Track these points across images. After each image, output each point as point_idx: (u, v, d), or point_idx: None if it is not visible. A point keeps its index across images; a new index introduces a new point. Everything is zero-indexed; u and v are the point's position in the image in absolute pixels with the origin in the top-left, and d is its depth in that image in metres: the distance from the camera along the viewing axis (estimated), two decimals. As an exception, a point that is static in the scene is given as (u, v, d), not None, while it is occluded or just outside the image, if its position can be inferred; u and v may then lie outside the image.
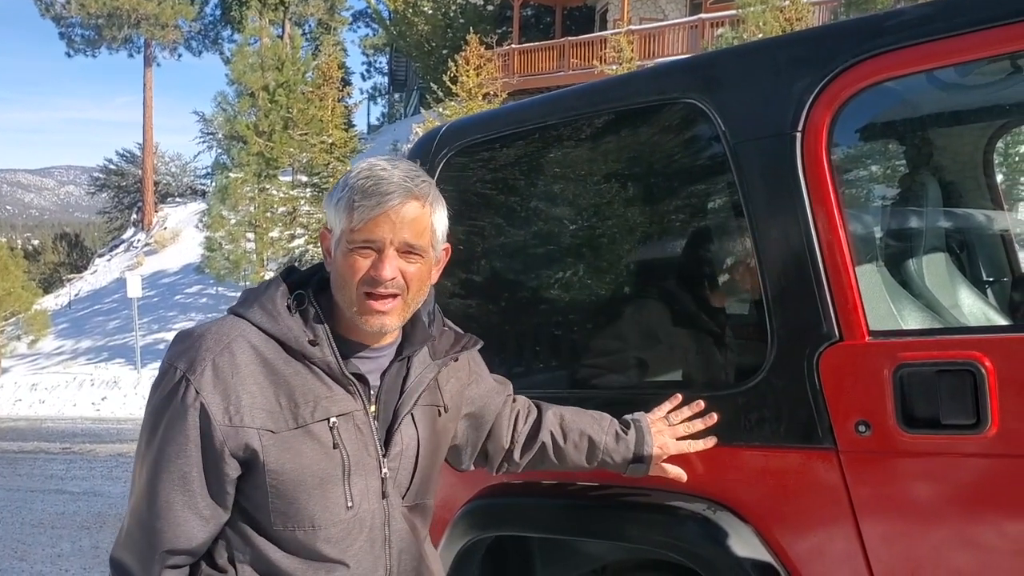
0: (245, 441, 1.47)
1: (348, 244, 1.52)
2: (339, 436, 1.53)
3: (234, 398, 1.46)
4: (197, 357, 1.48)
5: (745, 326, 2.29)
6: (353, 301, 1.53)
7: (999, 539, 1.79)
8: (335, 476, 1.54)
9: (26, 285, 25.32)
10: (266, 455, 1.48)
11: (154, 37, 37.32)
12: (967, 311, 2.73)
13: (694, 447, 2.07)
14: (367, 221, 1.50)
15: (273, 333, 1.52)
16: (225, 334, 1.51)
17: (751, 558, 2.00)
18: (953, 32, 1.82)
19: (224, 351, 1.48)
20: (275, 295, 1.57)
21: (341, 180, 1.57)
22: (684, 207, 2.46)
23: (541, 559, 2.57)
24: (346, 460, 1.54)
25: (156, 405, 1.50)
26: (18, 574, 6.28)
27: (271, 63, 22.94)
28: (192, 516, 1.49)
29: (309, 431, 1.51)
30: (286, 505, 1.52)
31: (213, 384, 1.46)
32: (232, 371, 1.47)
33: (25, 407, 19.21)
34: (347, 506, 1.56)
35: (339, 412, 1.54)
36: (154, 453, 1.49)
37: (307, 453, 1.51)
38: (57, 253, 48.22)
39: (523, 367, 2.65)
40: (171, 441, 1.47)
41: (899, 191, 2.94)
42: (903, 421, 1.81)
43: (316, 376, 1.53)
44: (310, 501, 1.53)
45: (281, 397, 1.50)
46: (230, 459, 1.48)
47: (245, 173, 22.12)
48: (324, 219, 1.64)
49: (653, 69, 2.49)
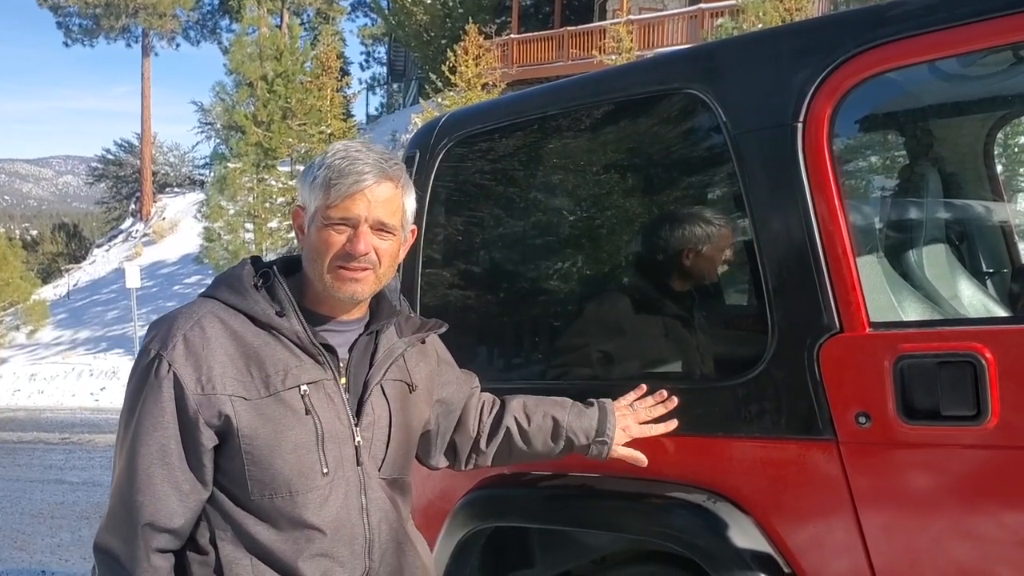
0: (218, 408, 1.52)
1: (324, 220, 1.59)
2: (311, 403, 1.59)
3: (205, 368, 1.52)
4: (169, 335, 1.55)
5: (746, 317, 2.28)
6: (324, 272, 1.60)
7: (998, 530, 1.79)
8: (309, 442, 1.58)
9: (24, 275, 25.30)
10: (239, 421, 1.53)
11: (152, 27, 37.22)
12: (967, 302, 2.72)
13: (656, 431, 2.12)
14: (344, 199, 1.58)
15: (241, 308, 1.59)
16: (195, 311, 1.59)
17: (751, 549, 2.00)
18: (955, 22, 1.81)
19: (194, 326, 1.55)
20: (241, 274, 1.65)
21: (316, 159, 1.64)
22: (685, 198, 2.45)
23: (541, 550, 2.57)
24: (319, 427, 1.59)
25: (133, 387, 1.57)
26: (18, 564, 6.29)
27: (269, 53, 22.84)
28: (172, 490, 1.53)
29: (281, 398, 1.56)
30: (262, 472, 1.56)
31: (185, 356, 1.52)
32: (203, 343, 1.54)
33: (24, 397, 19.22)
34: (322, 472, 1.60)
35: (309, 380, 1.59)
36: (133, 430, 1.54)
37: (280, 419, 1.56)
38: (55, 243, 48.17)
39: (523, 357, 2.65)
40: (148, 415, 1.52)
41: (900, 182, 2.93)
42: (903, 412, 1.81)
43: (285, 347, 1.59)
44: (286, 467, 1.56)
45: (252, 367, 1.56)
46: (205, 428, 1.53)
47: (243, 163, 22.07)
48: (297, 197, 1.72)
49: (654, 59, 2.48)
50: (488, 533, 2.47)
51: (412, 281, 2.64)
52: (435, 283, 2.68)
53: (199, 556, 1.58)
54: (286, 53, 22.95)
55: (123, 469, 1.55)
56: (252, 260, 1.72)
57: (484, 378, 2.64)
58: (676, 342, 2.39)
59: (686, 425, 2.14)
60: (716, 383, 2.17)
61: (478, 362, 2.71)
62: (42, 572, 6.06)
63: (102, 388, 18.83)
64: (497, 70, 22.89)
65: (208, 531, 1.59)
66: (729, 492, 2.08)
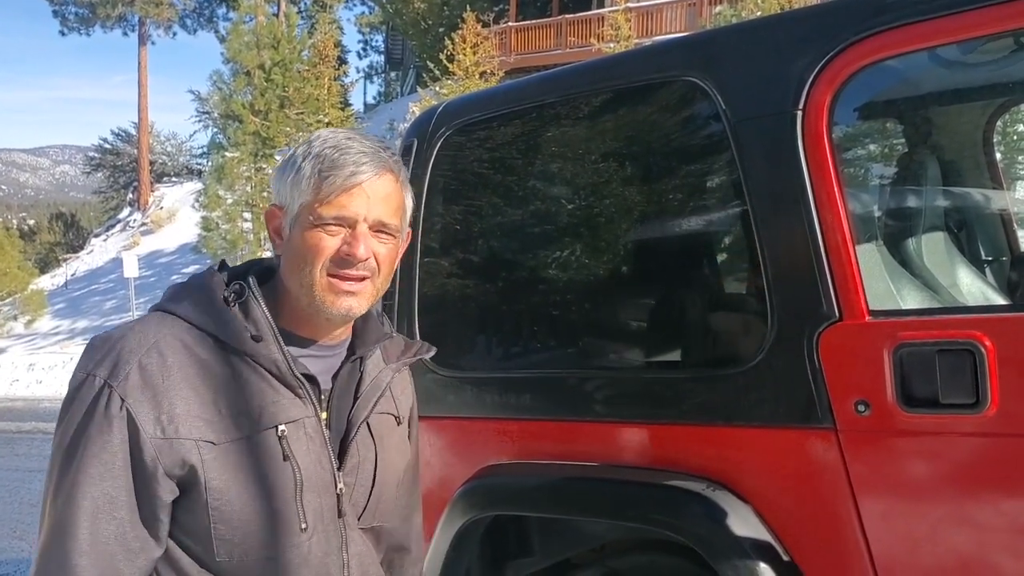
0: (182, 456, 1.24)
1: (313, 220, 1.31)
2: (288, 447, 1.31)
3: (166, 405, 1.24)
4: (119, 361, 1.25)
5: (745, 306, 2.28)
6: (315, 283, 1.32)
7: (997, 518, 1.79)
8: (287, 493, 1.31)
9: (22, 265, 25.33)
10: (207, 471, 1.26)
11: (148, 15, 37.10)
12: (966, 290, 2.73)
13: None
14: (339, 194, 1.31)
15: (208, 329, 1.31)
16: (151, 333, 1.29)
17: (750, 537, 2.01)
18: (954, 10, 1.81)
19: (151, 351, 1.26)
20: (210, 286, 1.35)
21: (298, 150, 1.37)
22: (684, 186, 2.45)
23: (540, 538, 2.57)
24: (298, 474, 1.32)
25: (72, 422, 1.24)
26: (17, 553, 6.30)
27: (267, 41, 22.76)
28: (120, 550, 1.23)
29: (254, 442, 1.29)
30: (231, 530, 1.29)
31: (140, 390, 1.23)
32: (162, 374, 1.25)
33: (22, 387, 19.22)
34: (301, 527, 1.32)
35: (287, 419, 1.32)
36: (72, 476, 1.22)
37: (253, 468, 1.29)
38: (53, 233, 48.17)
39: (521, 347, 2.65)
40: (93, 459, 1.22)
41: (899, 170, 2.93)
42: (902, 400, 1.81)
43: (260, 377, 1.31)
44: (260, 524, 1.30)
45: (220, 403, 1.28)
46: (164, 479, 1.24)
47: (241, 152, 22.03)
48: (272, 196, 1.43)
49: (653, 47, 2.48)
50: (487, 522, 2.47)
51: (411, 271, 2.63)
52: (433, 272, 2.68)
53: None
54: (283, 41, 22.88)
55: (59, 523, 1.22)
56: (220, 267, 1.43)
57: (483, 368, 2.65)
58: (675, 331, 2.39)
59: (686, 414, 2.15)
60: (715, 372, 2.17)
61: (477, 351, 2.72)
62: (42, 561, 6.07)
63: (101, 378, 18.82)
64: (495, 58, 22.82)
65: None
66: (728, 480, 2.08)
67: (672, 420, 2.18)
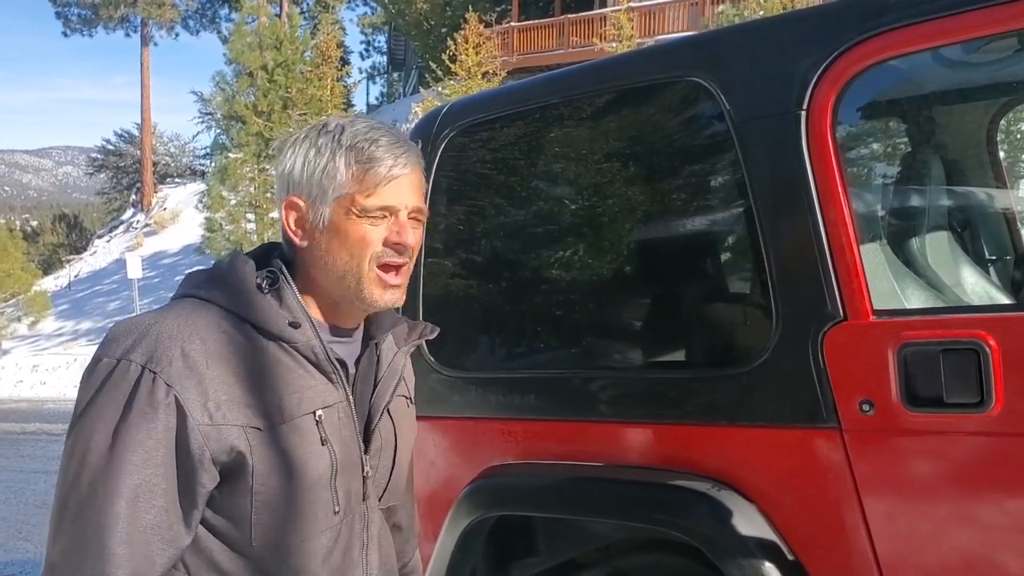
0: (230, 442, 1.24)
1: (357, 211, 1.32)
2: (324, 431, 1.33)
3: (212, 392, 1.23)
4: (159, 347, 1.23)
5: (750, 306, 2.29)
6: (363, 276, 1.34)
7: (1002, 517, 1.80)
8: (324, 478, 1.33)
9: (25, 266, 25.37)
10: (254, 456, 1.26)
11: (151, 16, 37.15)
12: (971, 290, 2.73)
13: None
14: (384, 184, 1.33)
15: (247, 316, 1.30)
16: (189, 319, 1.27)
17: (755, 536, 2.01)
18: (958, 10, 1.81)
19: (192, 336, 1.25)
20: (242, 273, 1.34)
21: (320, 141, 1.36)
22: (688, 186, 2.45)
23: (545, 538, 2.58)
24: (334, 458, 1.34)
25: (105, 407, 1.23)
26: (23, 554, 6.32)
27: (269, 42, 22.76)
28: (156, 538, 1.22)
29: (296, 427, 1.30)
30: (271, 515, 1.30)
31: (186, 376, 1.22)
32: (206, 360, 1.24)
33: (26, 388, 19.26)
34: (334, 511, 1.35)
35: (323, 404, 1.34)
36: (111, 464, 1.20)
37: (295, 452, 1.30)
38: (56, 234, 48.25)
39: (525, 347, 2.66)
40: (136, 447, 1.20)
41: (903, 170, 2.93)
42: (907, 400, 1.81)
43: (297, 363, 1.33)
44: (299, 508, 1.31)
45: (262, 389, 1.29)
46: (209, 466, 1.24)
47: (244, 153, 22.03)
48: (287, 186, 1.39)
49: (657, 47, 2.48)
50: (493, 521, 2.47)
51: (414, 271, 2.64)
52: (437, 273, 2.68)
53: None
54: (286, 42, 22.87)
55: (96, 511, 1.19)
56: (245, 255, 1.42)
57: (488, 368, 2.65)
58: (680, 331, 2.39)
59: (690, 414, 2.15)
60: (720, 372, 2.17)
61: (481, 351, 2.72)
62: (47, 562, 6.09)
63: (104, 379, 18.84)
64: (497, 58, 22.84)
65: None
66: (733, 480, 2.08)
67: (677, 420, 2.18)
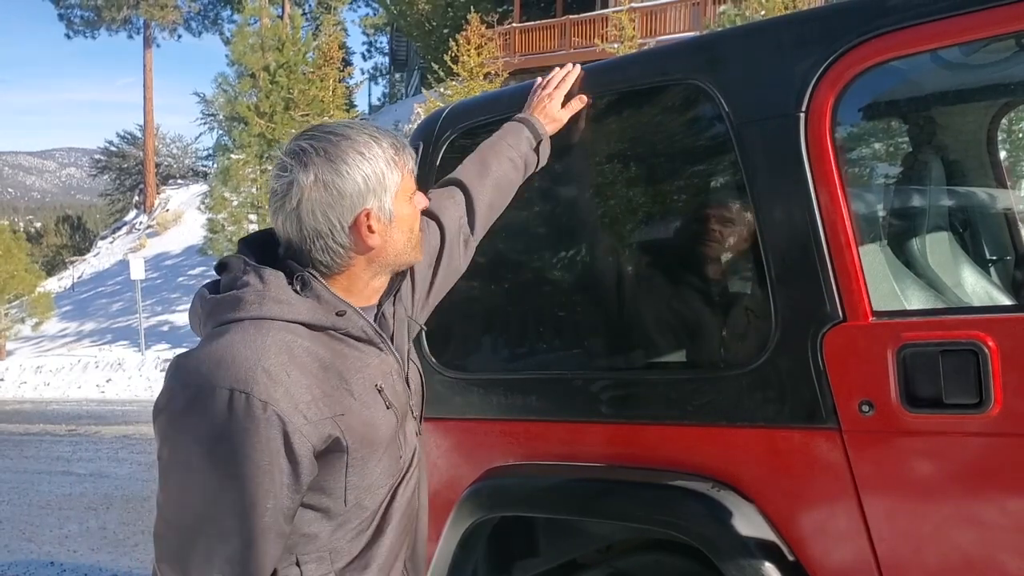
0: (327, 432, 1.41)
1: (406, 194, 1.57)
2: (387, 397, 1.55)
3: (298, 396, 1.37)
4: (241, 369, 1.34)
5: (749, 307, 2.29)
6: (416, 243, 1.62)
7: (1001, 517, 1.80)
8: (393, 434, 1.57)
9: (29, 268, 25.36)
10: (348, 439, 1.44)
11: (153, 18, 37.20)
12: (970, 290, 2.73)
13: (575, 106, 2.36)
14: (407, 172, 1.57)
15: (300, 319, 1.44)
16: (256, 338, 1.38)
17: (755, 537, 2.02)
18: (957, 11, 1.82)
19: (267, 355, 1.36)
20: (280, 284, 1.46)
21: (350, 158, 1.48)
22: (688, 188, 2.46)
23: (546, 539, 2.59)
24: (397, 415, 1.58)
25: (210, 434, 1.33)
26: (27, 555, 6.33)
27: (271, 44, 22.79)
28: (279, 540, 1.41)
29: (367, 402, 1.50)
30: (360, 478, 1.50)
31: (273, 390, 1.34)
32: (285, 371, 1.37)
33: (30, 389, 19.28)
34: (399, 456, 1.61)
35: (381, 373, 1.56)
36: (241, 486, 1.34)
37: (373, 423, 1.51)
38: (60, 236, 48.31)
39: (526, 348, 2.66)
40: (254, 466, 1.33)
41: (903, 170, 2.93)
42: (906, 401, 1.82)
43: (351, 347, 1.51)
44: (381, 465, 1.55)
45: (332, 379, 1.44)
46: (312, 462, 1.40)
47: (247, 154, 22.05)
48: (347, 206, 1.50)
49: (656, 50, 2.48)
50: (494, 523, 2.48)
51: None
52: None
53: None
54: (288, 44, 22.89)
55: (243, 543, 1.36)
56: (255, 260, 1.52)
57: (489, 369, 2.66)
58: (680, 332, 2.40)
59: (690, 414, 2.16)
60: (720, 372, 2.18)
61: (482, 353, 2.73)
62: (50, 563, 6.10)
63: (108, 380, 18.88)
64: (499, 59, 22.88)
65: (287, 556, 1.46)
66: (733, 480, 2.09)
67: (677, 421, 2.18)
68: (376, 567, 1.57)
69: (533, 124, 2.27)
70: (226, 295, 1.47)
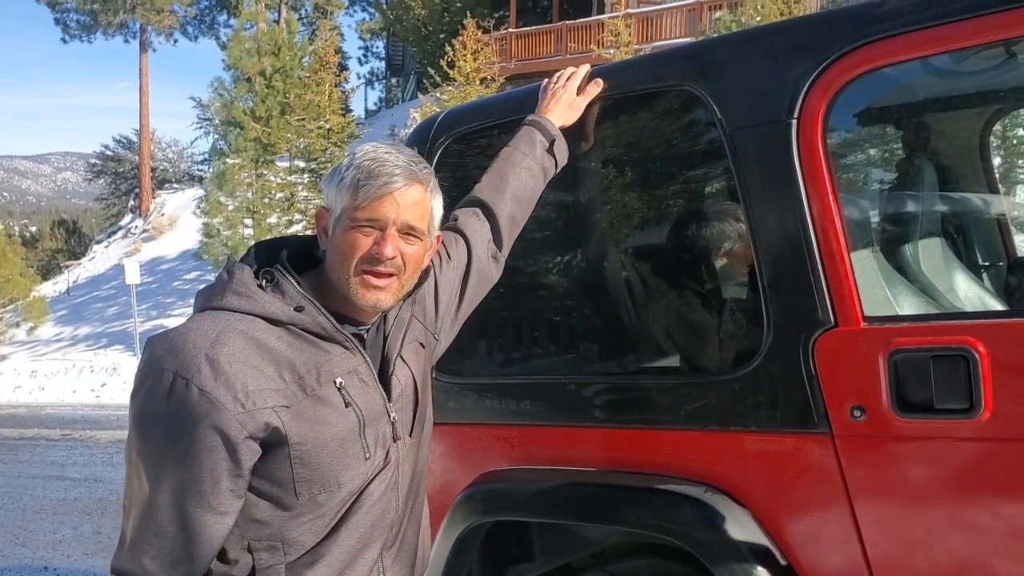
0: (264, 421, 1.44)
1: (350, 222, 1.55)
2: (348, 395, 1.55)
3: (239, 385, 1.43)
4: (186, 356, 1.43)
5: (741, 312, 2.30)
6: (350, 276, 1.55)
7: (993, 521, 1.81)
8: (352, 433, 1.56)
9: (24, 272, 25.35)
10: (288, 429, 1.47)
11: (150, 22, 37.18)
12: (963, 296, 2.74)
13: (592, 92, 2.35)
14: (372, 200, 1.54)
15: (256, 312, 1.50)
16: (209, 328, 1.47)
17: (748, 541, 2.02)
18: (948, 19, 1.83)
19: (214, 344, 1.44)
20: (244, 279, 1.54)
21: (344, 160, 1.60)
22: (681, 194, 2.47)
23: (540, 543, 2.59)
24: (360, 415, 1.57)
25: (152, 413, 1.45)
26: (20, 560, 6.31)
27: (267, 48, 22.80)
28: (213, 518, 1.46)
29: (319, 397, 1.52)
30: (311, 472, 1.52)
31: (215, 378, 1.41)
32: (229, 360, 1.43)
33: (25, 394, 19.25)
34: (364, 458, 1.59)
35: (343, 371, 1.56)
36: (167, 468, 1.44)
37: (323, 419, 1.52)
38: (55, 240, 48.26)
39: (521, 352, 2.67)
40: (187, 451, 1.43)
41: (895, 176, 2.95)
42: (898, 406, 1.82)
43: (308, 343, 1.53)
44: (334, 462, 1.54)
45: (283, 372, 1.49)
46: (249, 447, 1.45)
47: (242, 159, 22.05)
48: (322, 200, 1.67)
49: (650, 56, 2.49)
50: (488, 527, 2.49)
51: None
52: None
53: (223, 566, 1.52)
54: (284, 48, 22.91)
55: (164, 506, 1.45)
56: (255, 251, 1.64)
57: (484, 374, 2.67)
58: (672, 337, 2.41)
59: (683, 419, 2.16)
60: (712, 377, 2.19)
61: (477, 358, 2.74)
62: (44, 568, 6.09)
63: (103, 384, 18.86)
64: (495, 64, 22.89)
65: (240, 541, 1.53)
66: (726, 485, 2.10)
67: (670, 425, 2.19)
68: (325, 564, 1.57)
69: (544, 125, 2.25)
70: (203, 288, 1.61)
